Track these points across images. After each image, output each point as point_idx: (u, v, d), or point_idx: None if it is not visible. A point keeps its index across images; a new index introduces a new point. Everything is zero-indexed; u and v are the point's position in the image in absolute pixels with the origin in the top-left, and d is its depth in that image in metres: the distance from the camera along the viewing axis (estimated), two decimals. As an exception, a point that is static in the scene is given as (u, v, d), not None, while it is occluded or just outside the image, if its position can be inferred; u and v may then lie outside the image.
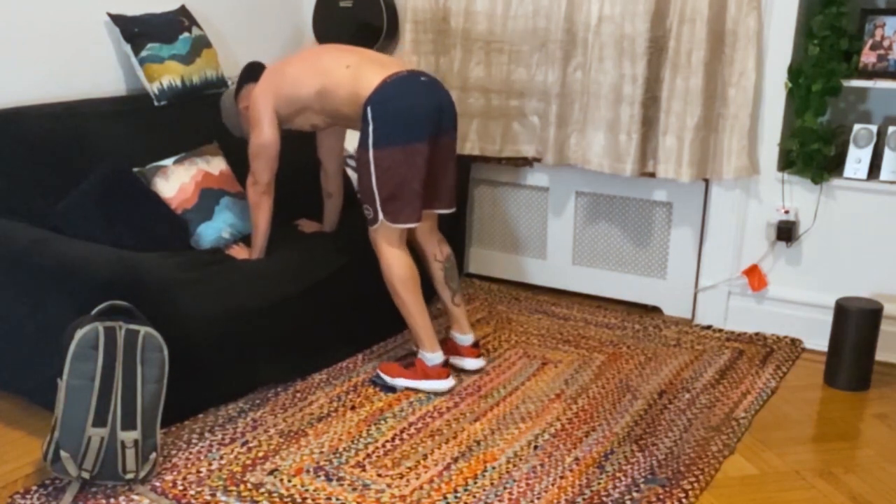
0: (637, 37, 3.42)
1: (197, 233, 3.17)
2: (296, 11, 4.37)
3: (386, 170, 2.84)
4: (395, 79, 2.87)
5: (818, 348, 3.39)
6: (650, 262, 3.83)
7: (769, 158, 3.43)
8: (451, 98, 2.98)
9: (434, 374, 2.99)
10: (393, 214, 2.88)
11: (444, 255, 3.17)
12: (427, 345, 3.01)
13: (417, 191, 2.87)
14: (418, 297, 2.99)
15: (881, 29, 3.25)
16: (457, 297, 3.18)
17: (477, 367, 3.16)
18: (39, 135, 3.05)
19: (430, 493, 2.40)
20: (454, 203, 3.10)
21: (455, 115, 2.99)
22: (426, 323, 3.01)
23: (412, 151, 2.84)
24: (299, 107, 3.04)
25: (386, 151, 2.83)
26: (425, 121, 2.86)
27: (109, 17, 3.43)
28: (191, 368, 2.66)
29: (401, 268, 2.95)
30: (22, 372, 2.77)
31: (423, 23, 3.79)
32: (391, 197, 2.86)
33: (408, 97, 2.85)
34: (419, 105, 2.86)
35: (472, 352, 3.17)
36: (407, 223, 2.92)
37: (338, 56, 3.02)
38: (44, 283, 2.67)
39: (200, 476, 2.46)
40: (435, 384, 2.99)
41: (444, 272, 3.16)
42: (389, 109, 2.83)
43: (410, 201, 2.88)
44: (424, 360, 3.01)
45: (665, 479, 2.49)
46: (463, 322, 3.19)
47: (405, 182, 2.85)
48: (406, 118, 2.84)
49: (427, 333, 3.00)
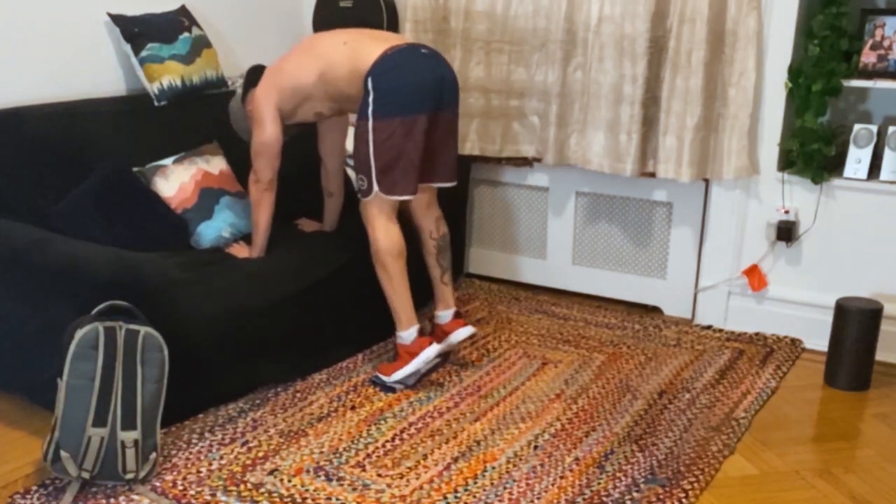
0: (637, 37, 3.42)
1: (197, 232, 3.17)
2: (296, 11, 4.37)
3: (384, 141, 2.82)
4: (396, 51, 2.86)
5: (818, 348, 3.39)
6: (650, 262, 3.83)
7: (769, 158, 3.43)
8: (453, 72, 2.96)
9: (416, 347, 2.97)
10: (388, 186, 2.87)
11: (440, 233, 3.16)
12: (403, 322, 2.99)
13: (415, 163, 2.86)
14: (403, 273, 2.97)
15: (881, 29, 3.25)
16: (446, 276, 3.18)
17: (468, 335, 3.13)
18: (39, 135, 3.05)
19: (430, 493, 2.40)
20: (455, 177, 3.09)
21: (457, 89, 2.97)
22: (407, 299, 2.98)
23: (411, 123, 2.82)
24: (302, 96, 3.03)
25: (385, 122, 2.82)
26: (426, 93, 2.84)
27: (109, 17, 3.43)
28: (191, 368, 2.66)
29: (390, 240, 2.93)
30: (22, 372, 2.76)
31: (423, 22, 3.79)
32: (387, 168, 2.84)
33: (409, 69, 2.84)
34: (420, 77, 2.84)
35: (457, 323, 3.16)
36: (402, 195, 2.90)
37: (334, 36, 3.02)
38: (44, 283, 2.67)
39: (200, 476, 2.46)
40: (423, 355, 2.95)
41: (436, 248, 3.15)
42: (390, 80, 2.82)
43: (406, 173, 2.86)
44: (402, 340, 3.00)
45: (665, 479, 2.49)
46: (448, 298, 3.18)
47: (402, 154, 2.83)
48: (407, 89, 2.82)
49: (405, 310, 2.98)
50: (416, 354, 2.96)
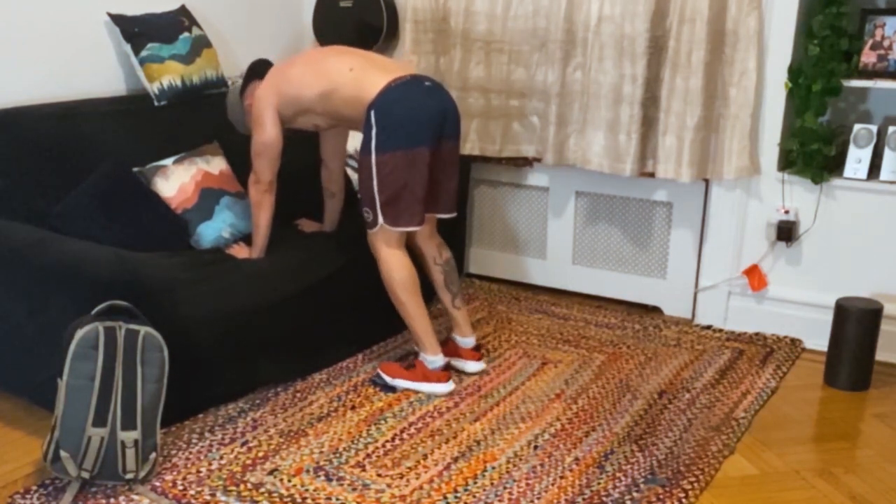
0: (637, 37, 3.42)
1: (197, 232, 3.17)
2: (296, 11, 4.37)
3: (388, 174, 2.84)
4: (399, 83, 2.87)
5: (818, 348, 3.39)
6: (650, 262, 3.83)
7: (769, 158, 3.43)
8: (455, 104, 2.98)
9: (434, 377, 2.99)
10: (393, 218, 2.88)
11: (444, 258, 3.17)
12: (428, 348, 3.00)
13: (419, 195, 2.87)
14: (418, 300, 2.99)
15: (881, 29, 3.25)
16: (457, 301, 3.18)
17: (477, 370, 3.16)
18: (39, 135, 3.05)
19: (430, 493, 2.40)
20: (455, 208, 3.10)
21: (458, 120, 2.98)
22: (427, 325, 3.00)
23: (414, 156, 2.83)
24: (302, 108, 3.04)
25: (388, 156, 2.83)
26: (428, 126, 2.85)
27: (109, 17, 3.43)
28: (191, 368, 2.66)
29: (400, 270, 2.95)
30: (22, 372, 2.76)
31: (423, 23, 3.79)
32: (392, 200, 2.86)
33: (411, 102, 2.85)
34: (422, 110, 2.85)
35: (473, 355, 3.17)
36: (407, 227, 2.92)
37: (341, 59, 3.02)
38: (44, 283, 2.67)
39: (200, 476, 2.46)
40: (434, 387, 2.98)
41: (444, 275, 3.16)
42: (393, 114, 2.83)
43: (411, 205, 2.88)
44: (426, 362, 3.01)
45: (665, 479, 2.49)
46: (464, 326, 3.18)
47: (407, 186, 2.85)
48: (409, 123, 2.83)
49: (428, 336, 3.00)
50: (430, 381, 2.99)
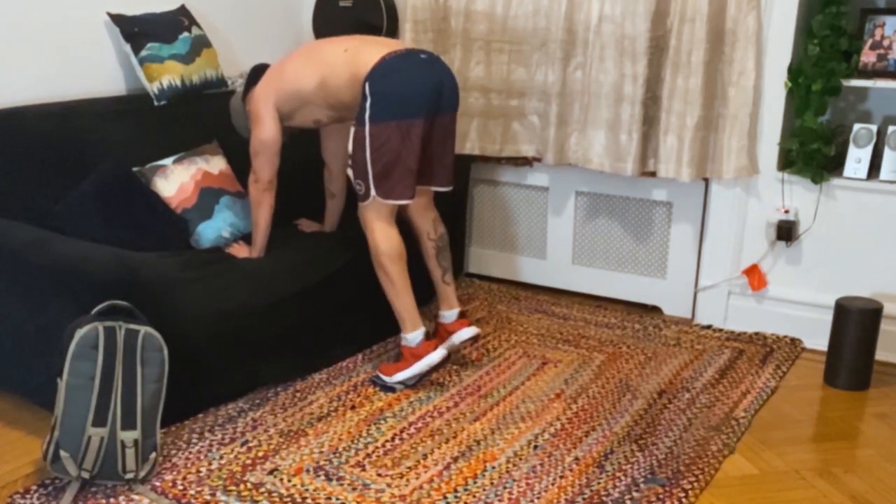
0: (637, 36, 3.42)
1: (197, 232, 3.17)
2: (296, 11, 4.37)
3: (381, 145, 2.82)
4: (394, 56, 2.87)
5: (818, 348, 3.39)
6: (650, 261, 3.83)
7: (769, 158, 3.43)
8: (453, 76, 2.96)
9: (422, 350, 2.97)
10: (385, 190, 2.87)
11: (438, 233, 3.17)
12: (408, 324, 2.99)
13: (412, 168, 2.86)
14: (404, 275, 2.97)
15: (881, 29, 3.25)
16: (447, 276, 3.18)
17: (471, 335, 3.14)
18: (39, 135, 3.05)
19: (430, 492, 2.40)
20: (451, 182, 3.09)
21: (457, 93, 2.97)
22: (410, 301, 2.99)
23: (408, 127, 2.82)
24: (301, 101, 3.04)
25: (382, 126, 2.82)
26: (423, 98, 2.85)
27: (109, 16, 3.43)
28: (191, 368, 2.66)
29: (389, 242, 2.93)
30: (22, 372, 2.76)
31: (422, 22, 3.79)
32: (384, 173, 2.85)
33: (406, 73, 2.84)
34: (417, 82, 2.85)
35: (461, 323, 3.16)
36: (399, 200, 2.91)
37: (335, 44, 3.03)
38: (44, 283, 2.67)
39: (200, 476, 2.46)
40: (427, 359, 2.94)
41: (435, 249, 3.16)
42: (387, 85, 2.82)
43: (403, 178, 2.86)
44: (408, 342, 3.00)
45: (665, 478, 2.49)
46: (451, 298, 3.18)
47: (399, 158, 2.83)
48: (403, 94, 2.82)
49: (409, 312, 2.98)
50: (420, 357, 2.96)
